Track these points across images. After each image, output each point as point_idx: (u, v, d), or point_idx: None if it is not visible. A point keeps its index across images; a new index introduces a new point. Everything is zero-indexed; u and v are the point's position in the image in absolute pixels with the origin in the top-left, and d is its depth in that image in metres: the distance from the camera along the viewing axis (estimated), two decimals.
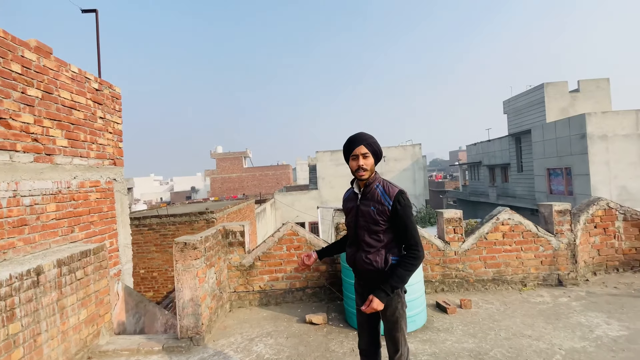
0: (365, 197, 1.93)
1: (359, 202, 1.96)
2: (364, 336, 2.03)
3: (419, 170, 23.46)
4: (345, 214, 2.10)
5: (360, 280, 2.03)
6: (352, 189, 2.07)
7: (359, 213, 1.94)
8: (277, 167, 37.80)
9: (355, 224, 1.96)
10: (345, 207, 2.08)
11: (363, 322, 2.02)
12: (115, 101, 4.35)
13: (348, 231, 2.06)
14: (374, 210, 1.88)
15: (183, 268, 3.28)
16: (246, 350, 3.07)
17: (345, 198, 2.11)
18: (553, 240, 4.16)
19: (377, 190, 1.91)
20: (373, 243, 1.89)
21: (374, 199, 1.90)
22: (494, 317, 3.40)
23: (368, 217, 1.89)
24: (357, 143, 1.90)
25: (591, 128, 13.40)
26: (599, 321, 3.19)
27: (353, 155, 1.91)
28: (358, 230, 1.94)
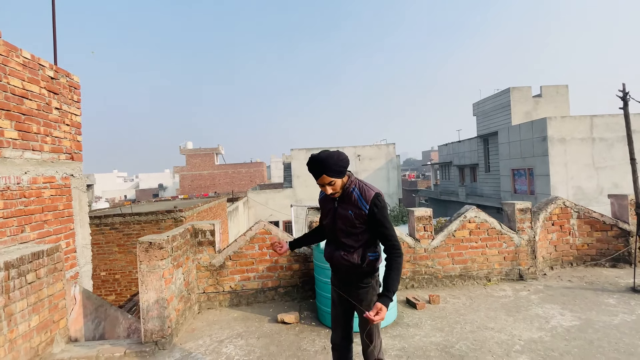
0: (342, 200, 1.96)
1: (337, 205, 1.98)
2: (338, 331, 2.07)
3: (392, 170, 23.93)
4: (321, 209, 2.12)
5: (337, 275, 2.07)
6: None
7: (336, 215, 1.98)
8: (251, 164, 37.22)
9: (333, 225, 2.00)
10: (322, 207, 2.11)
11: (338, 317, 2.07)
12: (73, 91, 4.08)
13: (326, 231, 2.10)
14: (352, 214, 1.91)
15: (148, 269, 3.13)
16: (215, 353, 2.99)
17: (322, 197, 2.12)
18: (515, 237, 4.37)
19: (354, 194, 1.93)
20: (351, 243, 1.94)
21: (351, 203, 1.93)
22: (460, 312, 3.52)
23: (346, 221, 1.93)
24: (320, 173, 1.86)
25: (551, 131, 14.24)
26: (554, 312, 3.38)
27: (319, 183, 1.92)
28: (337, 232, 1.98)
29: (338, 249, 1.98)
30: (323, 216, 2.11)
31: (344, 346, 2.09)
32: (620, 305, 3.48)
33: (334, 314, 2.09)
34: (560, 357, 2.63)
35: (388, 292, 1.81)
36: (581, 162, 14.59)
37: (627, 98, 4.08)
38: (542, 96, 18.24)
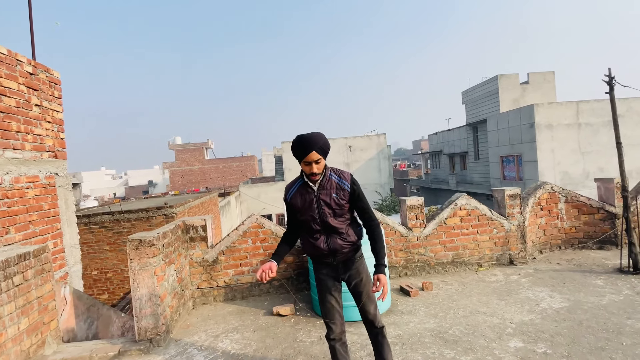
0: (323, 188, 2.04)
1: (318, 194, 2.04)
2: (337, 321, 2.11)
3: (384, 160, 24.01)
4: (295, 207, 2.09)
5: (334, 260, 2.10)
6: (301, 182, 2.10)
7: (320, 203, 2.04)
8: (242, 158, 36.94)
9: (319, 213, 2.04)
10: (298, 201, 2.08)
11: (334, 307, 2.12)
12: (54, 87, 3.94)
13: (309, 223, 2.08)
14: (337, 197, 2.04)
15: (139, 267, 3.08)
16: (211, 348, 2.98)
17: (293, 193, 2.10)
18: (505, 223, 4.44)
19: (332, 179, 2.06)
20: (340, 225, 2.06)
21: (332, 187, 2.05)
22: (453, 298, 3.57)
23: (333, 204, 2.03)
24: (309, 149, 1.92)
25: (539, 118, 14.43)
26: (544, 295, 3.46)
27: (305, 162, 1.96)
28: (324, 218, 2.04)
29: (331, 237, 2.06)
30: (300, 213, 2.09)
31: (344, 336, 2.15)
32: (608, 286, 3.58)
33: (329, 306, 2.11)
34: (550, 338, 2.69)
35: (381, 261, 2.01)
36: (568, 148, 14.85)
37: (612, 83, 4.13)
38: (530, 83, 18.42)
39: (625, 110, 15.33)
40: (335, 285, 2.13)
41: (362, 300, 2.11)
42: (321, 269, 2.15)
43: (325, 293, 2.13)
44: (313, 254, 2.14)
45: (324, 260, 2.12)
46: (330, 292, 2.12)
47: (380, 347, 2.15)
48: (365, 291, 2.11)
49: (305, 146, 1.92)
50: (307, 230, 2.11)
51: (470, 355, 2.55)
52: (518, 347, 2.60)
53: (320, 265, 2.15)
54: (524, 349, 2.57)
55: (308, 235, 2.12)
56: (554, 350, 2.52)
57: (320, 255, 2.10)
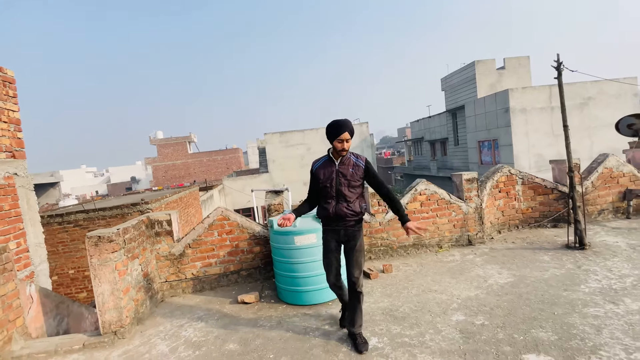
0: (343, 164, 2.57)
1: (338, 167, 2.57)
2: (333, 273, 2.68)
3: (367, 148, 24.19)
4: (318, 177, 2.61)
5: (338, 224, 2.60)
6: (326, 158, 2.64)
7: (339, 175, 2.56)
8: (226, 151, 36.59)
9: (337, 182, 2.56)
10: (321, 172, 2.60)
11: (333, 262, 2.67)
12: (8, 86, 3.89)
13: (327, 189, 2.58)
14: (353, 171, 2.56)
15: (99, 262, 3.15)
16: (174, 337, 3.09)
17: (319, 165, 2.64)
18: (463, 206, 4.65)
19: (351, 158, 2.60)
20: (351, 195, 2.57)
21: (350, 164, 2.58)
22: (410, 278, 3.77)
23: (349, 177, 2.55)
24: (344, 130, 2.46)
25: (513, 102, 14.77)
26: (493, 272, 3.69)
27: (339, 139, 2.48)
28: (340, 187, 2.55)
29: (340, 203, 2.56)
30: (322, 181, 2.58)
31: (340, 282, 2.73)
32: (554, 261, 3.83)
33: (328, 261, 2.67)
34: (490, 310, 2.91)
35: (401, 213, 2.61)
36: (541, 131, 15.29)
37: (560, 68, 4.32)
38: (506, 68, 18.75)
39: (597, 92, 15.83)
40: (337, 248, 2.67)
41: (351, 264, 2.61)
42: (328, 232, 2.67)
43: (327, 252, 2.68)
44: (323, 216, 2.64)
45: (331, 225, 2.63)
46: (332, 251, 2.66)
47: (353, 308, 2.62)
48: (355, 257, 2.61)
49: (342, 126, 2.46)
50: (323, 196, 2.61)
51: (414, 329, 2.74)
52: (459, 320, 2.81)
53: (327, 229, 2.67)
54: (464, 321, 2.78)
55: (322, 201, 2.63)
56: (490, 322, 2.73)
57: (328, 217, 2.60)
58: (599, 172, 5.20)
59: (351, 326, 2.62)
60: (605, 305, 2.79)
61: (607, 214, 5.26)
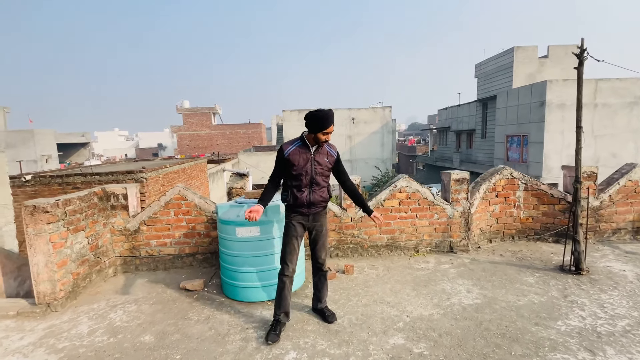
0: (318, 152, 2.56)
1: (314, 155, 2.53)
2: (294, 261, 2.62)
3: (388, 134, 23.29)
4: (292, 163, 2.50)
5: (309, 210, 2.60)
6: (300, 143, 2.55)
7: (314, 163, 2.53)
8: (249, 125, 36.71)
9: (312, 171, 2.53)
10: (295, 158, 2.50)
11: (296, 248, 2.63)
12: None
13: (301, 177, 2.52)
14: (327, 160, 2.59)
15: (34, 232, 3.03)
16: (102, 317, 2.96)
17: (292, 150, 2.52)
18: (448, 209, 4.14)
19: (324, 147, 2.59)
20: (323, 184, 2.61)
21: (324, 153, 2.58)
22: (368, 284, 3.40)
23: (324, 165, 2.57)
24: (331, 122, 2.46)
25: (550, 96, 13.39)
26: (462, 288, 3.23)
27: (325, 132, 2.46)
28: (314, 176, 2.54)
29: (314, 191, 2.56)
30: (295, 167, 2.49)
31: (294, 274, 2.65)
32: (538, 284, 3.31)
33: (291, 248, 2.60)
34: (437, 337, 2.51)
35: (367, 206, 2.75)
36: None
37: (583, 57, 3.61)
38: (549, 57, 16.98)
39: None
40: (302, 232, 2.65)
41: (317, 247, 2.70)
42: (295, 217, 2.61)
43: (292, 237, 2.60)
44: (294, 203, 2.57)
45: (300, 210, 2.58)
46: (297, 236, 2.62)
47: (321, 285, 2.79)
48: (322, 241, 2.71)
49: (329, 119, 2.45)
50: (297, 184, 2.54)
51: (342, 348, 2.41)
52: (397, 344, 2.44)
53: (295, 214, 2.61)
54: (402, 347, 2.40)
55: (295, 188, 2.55)
56: (431, 352, 2.34)
57: (300, 205, 2.56)
58: (620, 185, 4.47)
59: (319, 303, 2.81)
60: (578, 353, 2.30)
61: (624, 234, 4.55)
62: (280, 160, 2.55)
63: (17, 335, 2.65)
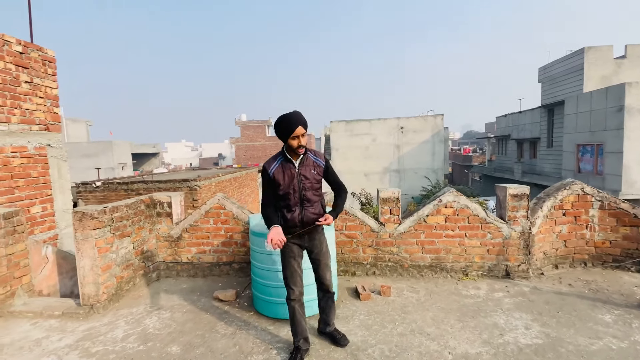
0: (303, 164, 2.35)
1: (299, 169, 2.33)
2: (299, 284, 2.40)
3: (439, 143, 22.16)
4: (277, 182, 2.32)
5: (302, 229, 2.38)
6: (282, 159, 2.35)
7: (301, 178, 2.33)
8: None
9: (300, 187, 2.33)
10: (280, 176, 2.32)
11: (297, 271, 2.41)
12: (48, 64, 4.25)
13: (289, 196, 2.33)
14: (315, 172, 2.37)
15: (82, 237, 3.24)
16: (137, 323, 3.04)
17: (276, 168, 2.34)
18: (504, 228, 3.66)
19: (309, 157, 2.39)
20: (315, 199, 2.38)
21: (310, 165, 2.37)
22: (406, 309, 3.09)
23: (312, 179, 2.35)
24: (296, 125, 2.21)
25: (630, 100, 11.66)
26: (519, 324, 2.77)
27: (294, 136, 2.23)
28: (304, 192, 2.34)
29: (306, 209, 2.35)
30: (283, 187, 2.31)
31: (302, 296, 2.44)
32: (617, 325, 2.73)
33: (292, 270, 2.39)
34: None
35: (336, 210, 2.45)
36: None
37: None
38: (627, 57, 14.88)
39: None
40: (299, 252, 2.44)
41: (320, 268, 2.47)
42: (290, 238, 2.37)
43: (290, 258, 2.40)
44: (286, 225, 2.36)
45: (294, 230, 2.36)
46: (295, 257, 2.41)
47: (328, 308, 2.59)
48: (324, 261, 2.47)
49: (293, 122, 2.20)
50: (285, 204, 2.35)
51: None
52: None
53: (288, 235, 2.36)
54: None
55: (285, 209, 2.36)
56: None
57: (293, 225, 2.35)
58: None
59: (327, 326, 2.60)
60: None
61: None
62: (266, 181, 2.37)
63: (57, 336, 2.81)
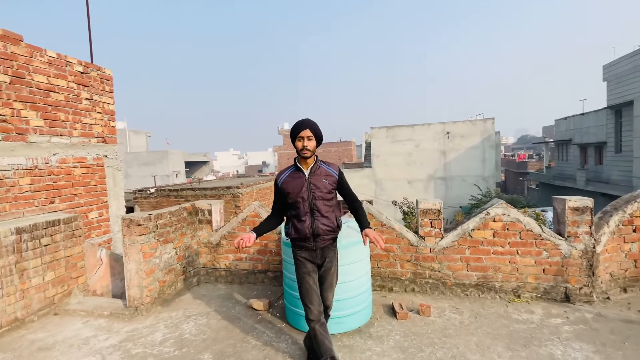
0: (314, 174, 2.33)
1: (309, 177, 2.32)
2: (315, 301, 2.30)
3: (490, 149, 20.78)
4: (286, 191, 2.35)
5: (315, 244, 2.33)
6: (293, 169, 2.39)
7: (311, 187, 2.31)
8: (340, 143, 37.61)
9: (310, 196, 2.30)
10: (289, 185, 2.34)
11: (313, 287, 2.33)
12: (105, 82, 4.66)
13: (298, 204, 2.32)
14: (327, 182, 2.33)
15: (129, 242, 3.45)
16: (175, 327, 3.15)
17: (285, 178, 2.38)
18: (563, 245, 3.26)
19: (322, 167, 2.38)
20: (326, 209, 2.33)
21: (322, 174, 2.35)
22: (447, 332, 2.84)
23: (323, 188, 2.31)
24: (303, 127, 2.27)
25: None
26: (578, 356, 2.41)
27: (299, 137, 2.27)
28: (314, 201, 2.31)
29: (316, 219, 2.31)
30: (290, 195, 2.32)
31: (321, 314, 2.33)
32: None
33: (307, 287, 2.32)
34: None
35: (363, 222, 2.34)
36: None
37: None
38: None
39: None
40: (313, 268, 2.37)
41: (324, 287, 2.41)
42: (301, 253, 2.37)
43: (304, 274, 2.35)
44: (297, 237, 2.35)
45: (305, 244, 2.34)
46: (309, 273, 2.35)
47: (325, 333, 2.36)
48: (329, 281, 2.42)
49: (299, 124, 2.28)
50: (295, 213, 2.34)
51: None
52: None
53: (300, 250, 2.37)
54: None
55: (295, 218, 2.34)
56: None
57: (304, 238, 2.32)
58: None
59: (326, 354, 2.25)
60: None
61: None
62: (276, 190, 2.43)
63: (104, 336, 2.99)
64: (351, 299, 2.92)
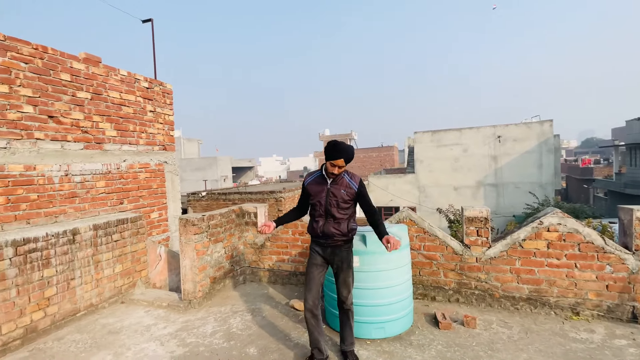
0: (335, 183, 2.54)
1: (330, 186, 2.53)
2: (314, 290, 2.54)
3: (547, 153, 19.19)
4: (309, 192, 2.61)
5: (326, 242, 2.56)
6: (319, 174, 2.62)
7: (329, 194, 2.52)
8: (381, 148, 37.10)
9: (326, 202, 2.53)
10: (312, 188, 2.60)
11: (316, 277, 2.56)
12: (166, 96, 5.15)
13: (316, 207, 2.57)
14: (345, 192, 2.51)
15: (185, 241, 3.77)
16: (224, 321, 3.37)
17: (311, 181, 2.64)
18: (630, 260, 2.96)
19: (344, 179, 2.55)
20: (340, 216, 2.53)
21: (343, 185, 2.53)
22: (495, 346, 2.72)
23: (339, 197, 2.51)
24: (338, 156, 2.43)
25: None
26: None
27: (332, 164, 2.46)
28: (329, 207, 2.52)
29: (328, 222, 2.53)
30: (312, 197, 2.58)
31: (317, 306, 2.54)
32: None
33: (311, 276, 2.57)
34: None
35: (380, 229, 2.48)
36: None
37: None
38: None
39: None
40: (322, 262, 2.60)
41: (339, 282, 2.60)
42: (314, 246, 2.64)
43: (312, 265, 2.60)
44: (311, 232, 2.64)
45: (319, 240, 2.59)
46: (317, 265, 2.59)
47: (343, 324, 2.63)
48: (343, 277, 2.58)
49: (337, 151, 2.43)
50: (313, 213, 2.62)
51: None
52: None
53: (314, 243, 2.64)
54: None
55: (312, 216, 2.63)
56: None
57: (316, 235, 2.59)
58: None
59: (342, 344, 2.63)
60: None
61: None
62: (302, 189, 2.70)
63: (162, 324, 3.30)
64: (392, 305, 2.92)
